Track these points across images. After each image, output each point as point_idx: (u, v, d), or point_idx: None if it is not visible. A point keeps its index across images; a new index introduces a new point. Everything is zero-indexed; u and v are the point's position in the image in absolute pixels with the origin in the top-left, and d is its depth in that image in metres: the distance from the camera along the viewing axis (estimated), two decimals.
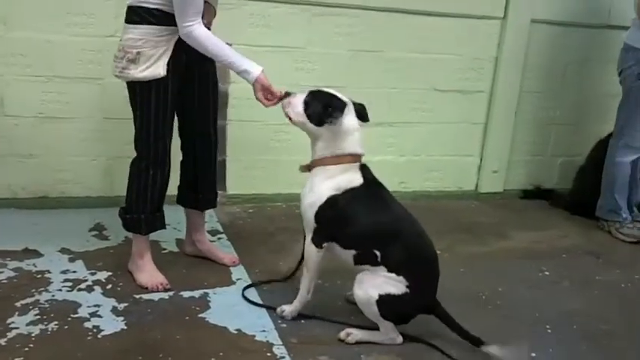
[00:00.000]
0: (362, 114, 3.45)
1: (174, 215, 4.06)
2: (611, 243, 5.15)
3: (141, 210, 3.76)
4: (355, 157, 3.39)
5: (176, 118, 3.80)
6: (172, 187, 3.93)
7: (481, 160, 5.91)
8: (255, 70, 3.52)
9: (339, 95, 3.38)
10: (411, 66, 5.41)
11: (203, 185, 4.06)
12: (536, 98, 5.92)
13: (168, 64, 3.51)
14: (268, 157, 5.16)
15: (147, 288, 3.74)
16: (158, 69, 3.49)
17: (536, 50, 5.76)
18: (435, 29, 5.40)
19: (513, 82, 5.72)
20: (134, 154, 3.70)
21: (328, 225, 3.35)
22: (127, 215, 3.82)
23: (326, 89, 3.41)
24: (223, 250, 4.27)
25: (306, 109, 3.36)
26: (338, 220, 3.33)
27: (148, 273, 3.80)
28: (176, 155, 3.89)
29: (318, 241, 3.39)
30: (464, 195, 5.92)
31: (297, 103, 3.39)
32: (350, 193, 3.34)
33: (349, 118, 3.34)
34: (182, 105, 3.77)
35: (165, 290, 3.74)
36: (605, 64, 5.79)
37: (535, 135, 6.04)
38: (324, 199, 3.33)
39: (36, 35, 4.48)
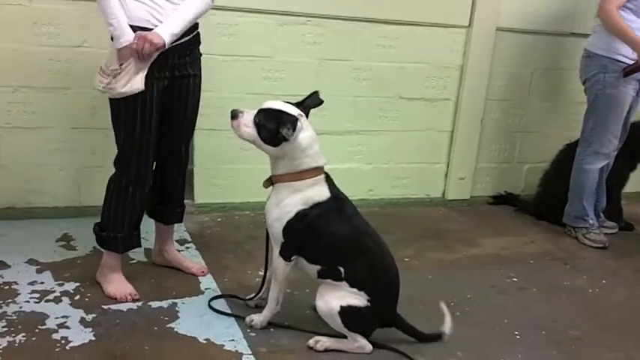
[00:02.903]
0: (316, 102, 3.41)
1: (143, 225, 4.01)
2: (578, 249, 5.19)
3: (119, 229, 3.74)
4: (318, 171, 3.34)
5: None
6: None
7: (448, 167, 5.93)
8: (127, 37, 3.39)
9: (289, 110, 3.25)
10: (377, 74, 5.43)
11: (170, 200, 4.04)
12: (502, 106, 5.96)
13: (147, 79, 3.44)
14: (236, 166, 5.15)
15: (115, 298, 3.71)
16: (137, 84, 3.42)
17: (502, 58, 5.80)
18: (401, 38, 5.42)
19: (479, 89, 5.76)
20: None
21: (296, 239, 3.34)
22: (103, 233, 3.78)
23: (276, 105, 3.27)
24: (191, 260, 4.25)
25: (258, 131, 3.25)
26: (305, 235, 3.31)
27: (116, 283, 3.78)
28: None
29: (286, 255, 3.38)
30: (431, 202, 5.95)
31: (249, 124, 3.26)
32: (317, 208, 3.30)
33: (305, 132, 3.25)
34: (160, 122, 3.70)
35: (134, 301, 3.72)
36: (570, 72, 5.83)
37: (501, 142, 6.08)
38: (292, 214, 3.30)
39: (2, 45, 4.44)
